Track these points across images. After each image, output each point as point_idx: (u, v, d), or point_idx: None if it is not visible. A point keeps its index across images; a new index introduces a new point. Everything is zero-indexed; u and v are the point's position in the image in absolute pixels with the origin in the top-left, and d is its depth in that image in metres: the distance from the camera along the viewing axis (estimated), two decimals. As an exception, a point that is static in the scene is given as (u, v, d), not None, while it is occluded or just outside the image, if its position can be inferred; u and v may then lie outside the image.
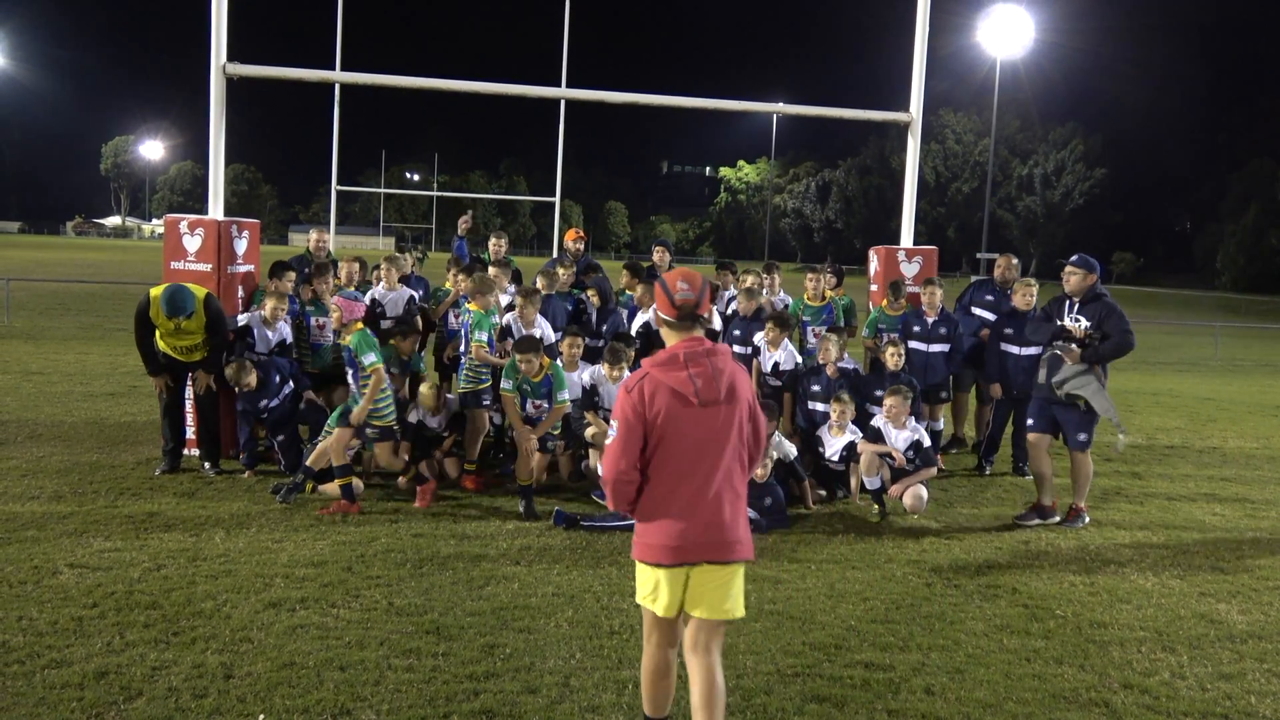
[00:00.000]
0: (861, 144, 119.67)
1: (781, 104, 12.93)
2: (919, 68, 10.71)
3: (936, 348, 9.95)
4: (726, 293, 10.87)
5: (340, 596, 5.83)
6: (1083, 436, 8.10)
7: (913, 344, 9.80)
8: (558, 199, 19.09)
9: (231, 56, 9.53)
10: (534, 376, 8.14)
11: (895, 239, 11.34)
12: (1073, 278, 8.07)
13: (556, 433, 8.53)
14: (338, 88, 16.10)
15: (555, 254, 19.95)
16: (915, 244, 11.01)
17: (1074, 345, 7.85)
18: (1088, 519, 8.25)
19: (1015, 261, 11.05)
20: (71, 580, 5.91)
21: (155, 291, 8.30)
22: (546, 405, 8.28)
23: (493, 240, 10.96)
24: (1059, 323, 8.12)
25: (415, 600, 5.83)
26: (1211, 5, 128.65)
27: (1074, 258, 8.20)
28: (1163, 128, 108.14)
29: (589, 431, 8.51)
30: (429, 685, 4.72)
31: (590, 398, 8.79)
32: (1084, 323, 7.96)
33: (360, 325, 7.95)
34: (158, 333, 8.44)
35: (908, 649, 5.45)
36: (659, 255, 11.10)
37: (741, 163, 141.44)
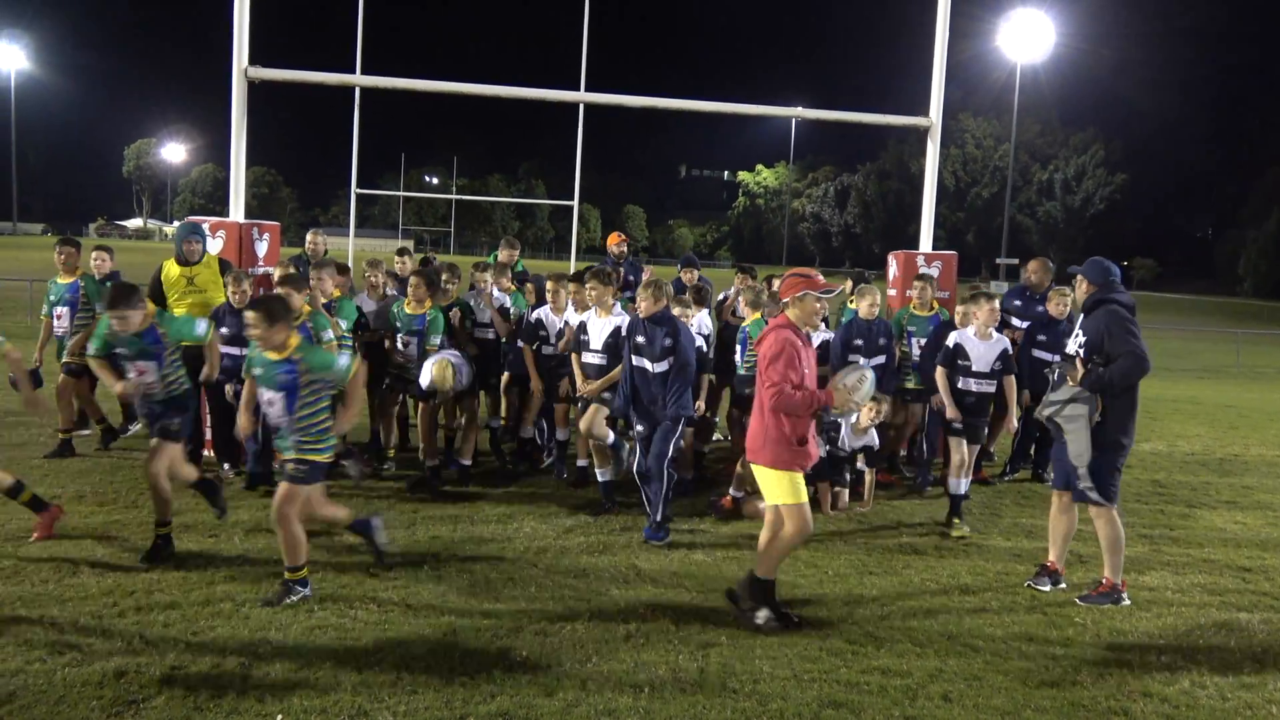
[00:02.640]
0: (880, 148, 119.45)
1: (800, 108, 12.90)
2: (939, 72, 10.68)
3: None
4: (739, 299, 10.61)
5: (358, 598, 5.86)
6: (1083, 485, 6.46)
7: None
8: (576, 203, 19.08)
9: (253, 60, 9.60)
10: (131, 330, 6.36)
11: (914, 244, 11.31)
12: (1079, 287, 6.86)
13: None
14: (358, 91, 16.14)
15: (574, 257, 19.95)
16: (934, 249, 10.97)
17: (1077, 364, 6.42)
18: (1127, 599, 6.52)
19: (1051, 266, 10.44)
20: (92, 579, 5.96)
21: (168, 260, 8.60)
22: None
23: (503, 249, 10.99)
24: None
25: (432, 602, 5.85)
26: (1234, 10, 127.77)
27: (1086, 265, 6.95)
28: (1184, 133, 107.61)
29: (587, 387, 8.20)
30: (446, 687, 4.73)
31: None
32: (1079, 338, 6.54)
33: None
34: (170, 301, 8.55)
35: (925, 655, 5.43)
36: (688, 276, 10.91)
37: (760, 167, 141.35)
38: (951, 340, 8.29)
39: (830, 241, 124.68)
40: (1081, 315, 6.66)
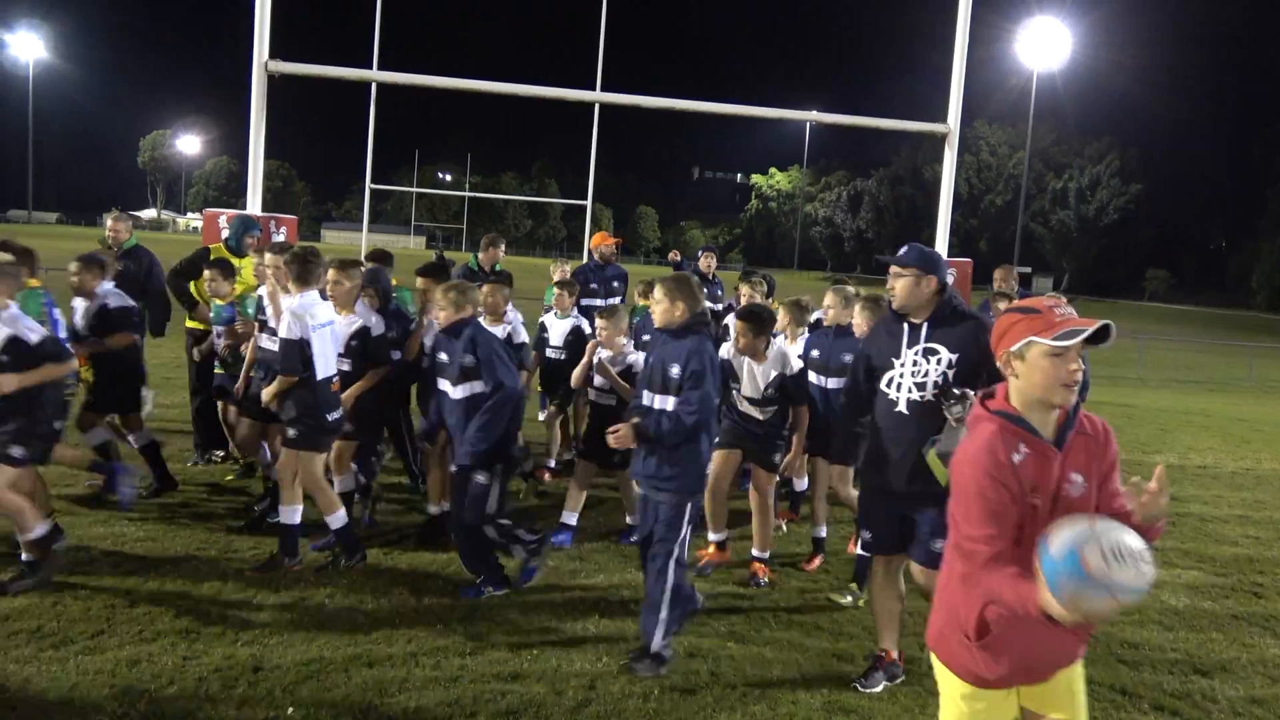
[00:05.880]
0: (894, 154, 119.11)
1: (816, 112, 12.92)
2: (957, 80, 10.68)
3: None
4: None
5: (369, 593, 5.86)
6: (940, 545, 4.23)
7: None
8: (589, 202, 19.10)
9: (272, 54, 9.63)
10: None
11: (928, 250, 11.30)
12: (899, 283, 4.76)
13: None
14: (374, 86, 16.19)
15: (585, 257, 19.96)
16: (949, 256, 10.95)
17: (970, 398, 4.41)
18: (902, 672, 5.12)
19: (1015, 272, 9.88)
20: (105, 568, 5.98)
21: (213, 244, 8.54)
22: None
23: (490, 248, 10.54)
24: (900, 361, 4.76)
25: (443, 599, 5.85)
26: (1251, 20, 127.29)
27: (902, 250, 4.82)
28: (1201, 144, 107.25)
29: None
30: (455, 684, 4.74)
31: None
32: (941, 357, 4.66)
33: None
34: (195, 287, 8.54)
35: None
36: (705, 261, 10.83)
37: (773, 170, 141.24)
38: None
39: (842, 246, 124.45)
40: (924, 325, 4.75)
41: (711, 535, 6.86)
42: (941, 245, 10.95)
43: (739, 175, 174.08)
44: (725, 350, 6.56)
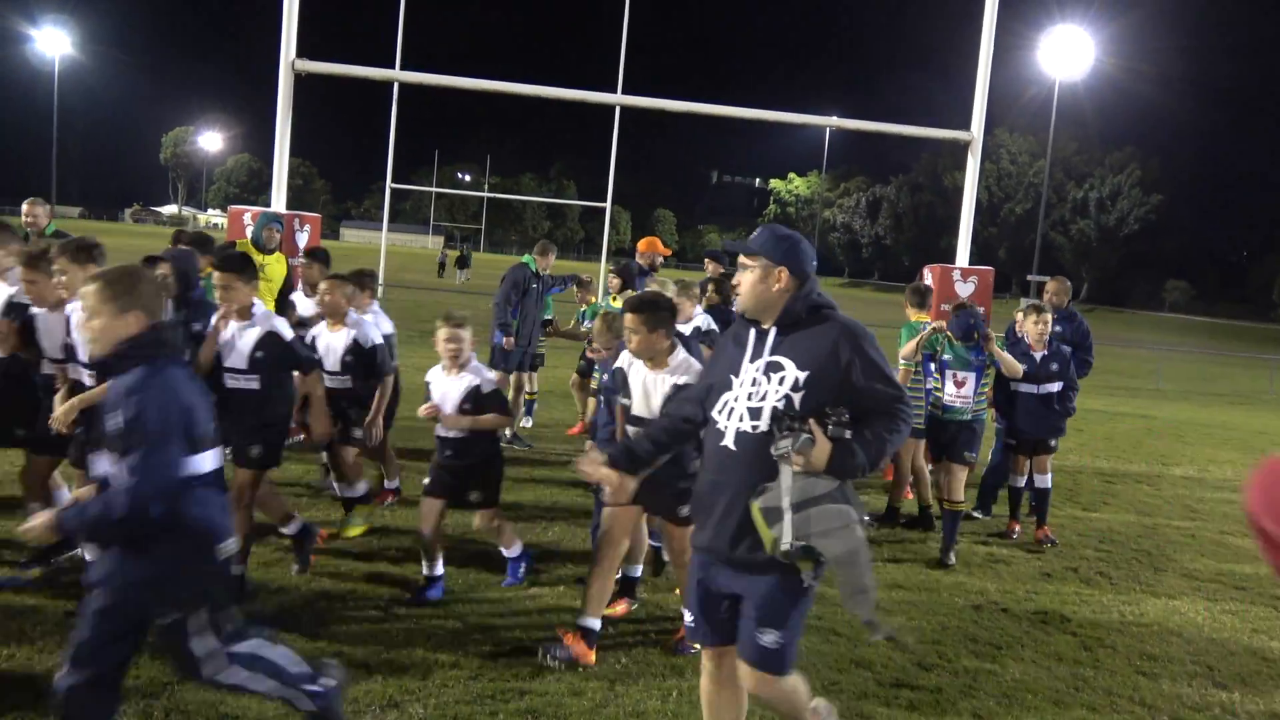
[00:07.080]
0: (913, 161, 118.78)
1: (837, 118, 12.90)
2: (981, 87, 10.66)
3: (1047, 388, 8.21)
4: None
5: (389, 590, 5.89)
6: (771, 638, 3.52)
7: (1021, 386, 8.16)
8: (609, 205, 19.11)
9: (298, 53, 9.70)
10: None
11: (944, 257, 11.29)
12: (744, 276, 3.60)
13: None
14: (396, 86, 16.25)
15: (604, 259, 19.93)
16: (969, 264, 10.92)
17: (808, 431, 3.35)
18: None
19: (1068, 284, 9.50)
20: (128, 561, 6.02)
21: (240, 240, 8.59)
22: None
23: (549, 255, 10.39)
24: (739, 380, 3.57)
25: (463, 597, 5.87)
26: (1275, 31, 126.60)
27: (754, 234, 3.68)
28: (1222, 154, 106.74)
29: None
30: (475, 682, 4.76)
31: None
32: (786, 375, 3.46)
33: None
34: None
35: (955, 672, 5.40)
36: (711, 268, 10.72)
37: (792, 175, 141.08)
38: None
39: (860, 253, 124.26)
40: (771, 332, 3.57)
41: (588, 618, 5.20)
42: (963, 253, 10.92)
43: (757, 180, 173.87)
44: (622, 358, 5.39)
